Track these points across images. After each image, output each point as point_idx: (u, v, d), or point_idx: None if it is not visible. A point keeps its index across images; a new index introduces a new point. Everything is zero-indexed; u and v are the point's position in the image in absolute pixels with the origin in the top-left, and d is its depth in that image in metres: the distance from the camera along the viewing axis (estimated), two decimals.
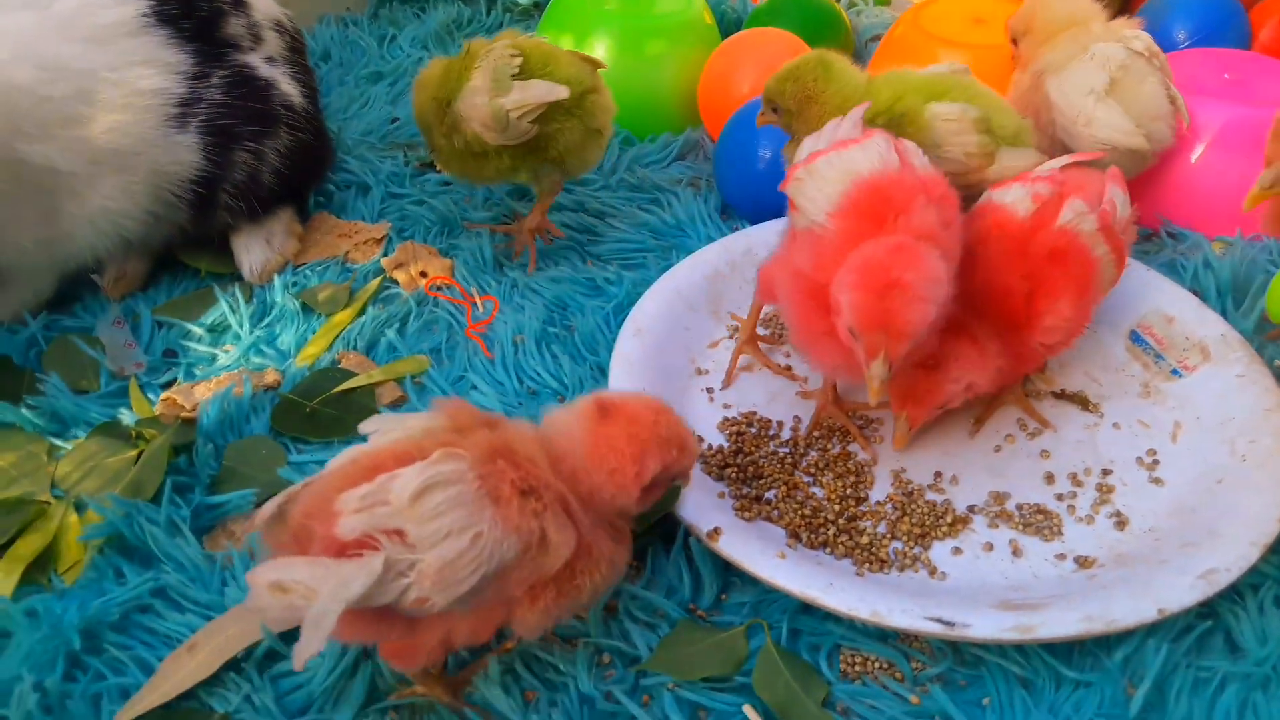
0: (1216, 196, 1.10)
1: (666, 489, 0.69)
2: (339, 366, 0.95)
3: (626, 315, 0.95)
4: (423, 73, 1.00)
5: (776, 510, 0.81)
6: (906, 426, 0.81)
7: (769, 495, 0.83)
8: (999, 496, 0.82)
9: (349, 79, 1.43)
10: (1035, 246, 0.80)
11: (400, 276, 1.05)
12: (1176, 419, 0.87)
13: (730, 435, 0.88)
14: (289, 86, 1.06)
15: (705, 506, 0.78)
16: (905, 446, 0.84)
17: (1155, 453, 0.85)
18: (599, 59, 1.02)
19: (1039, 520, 0.80)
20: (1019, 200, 0.82)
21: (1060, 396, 0.90)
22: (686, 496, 0.78)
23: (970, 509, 0.81)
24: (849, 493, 0.82)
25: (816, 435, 0.88)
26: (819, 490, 0.83)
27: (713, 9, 1.40)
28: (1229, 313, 0.96)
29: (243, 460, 0.85)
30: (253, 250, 1.05)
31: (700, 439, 0.87)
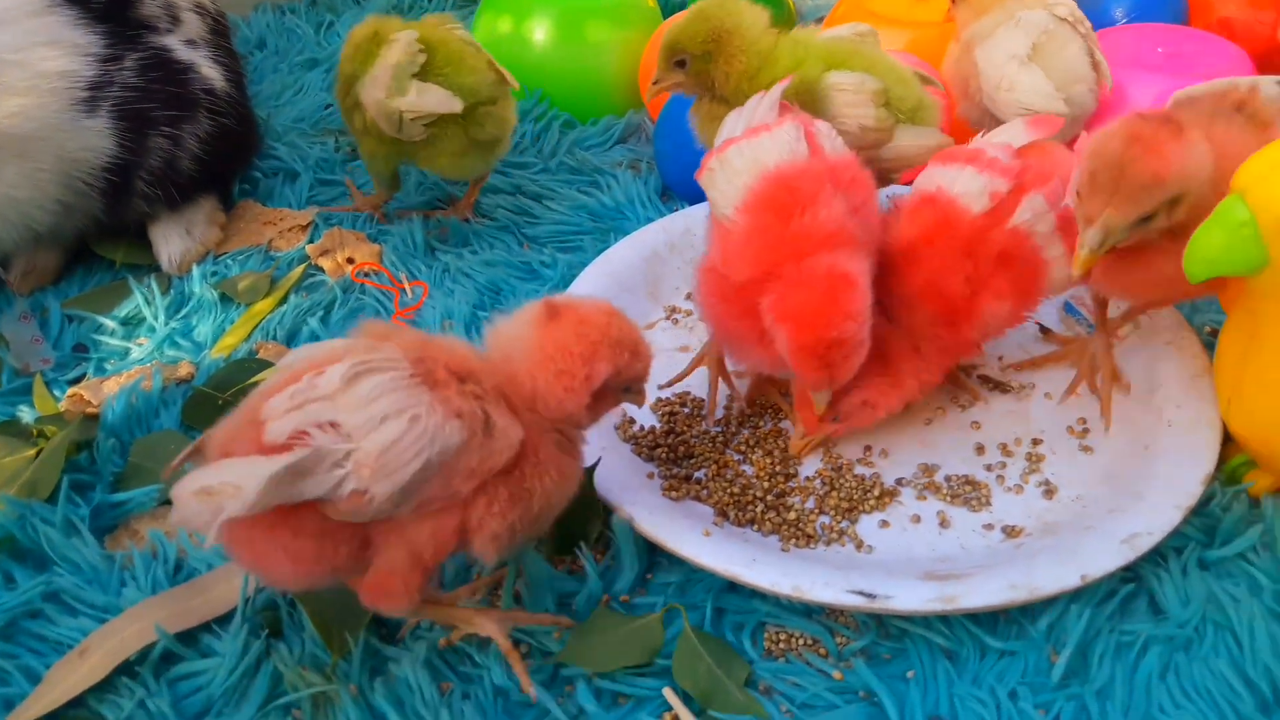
0: None
1: (618, 400, 0.67)
2: (256, 358, 0.93)
3: None
4: (354, 30, 1.00)
5: (706, 489, 0.80)
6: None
7: (699, 475, 0.82)
8: (928, 469, 0.81)
9: (284, 66, 1.41)
10: (985, 247, 0.76)
11: (326, 264, 1.03)
12: None
13: (663, 416, 0.87)
14: (210, 70, 1.03)
15: (632, 487, 0.77)
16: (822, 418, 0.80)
17: (1085, 421, 0.84)
18: (510, 76, 1.00)
19: (967, 491, 0.79)
20: (972, 194, 0.76)
21: (984, 381, 0.89)
22: (611, 478, 0.76)
23: (899, 482, 0.80)
24: (778, 469, 0.81)
25: (748, 413, 0.87)
26: (749, 468, 0.82)
27: None
28: None
29: (149, 456, 0.82)
30: (171, 240, 1.03)
31: (632, 421, 0.86)
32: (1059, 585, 0.68)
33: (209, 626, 0.71)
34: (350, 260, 1.04)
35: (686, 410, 0.87)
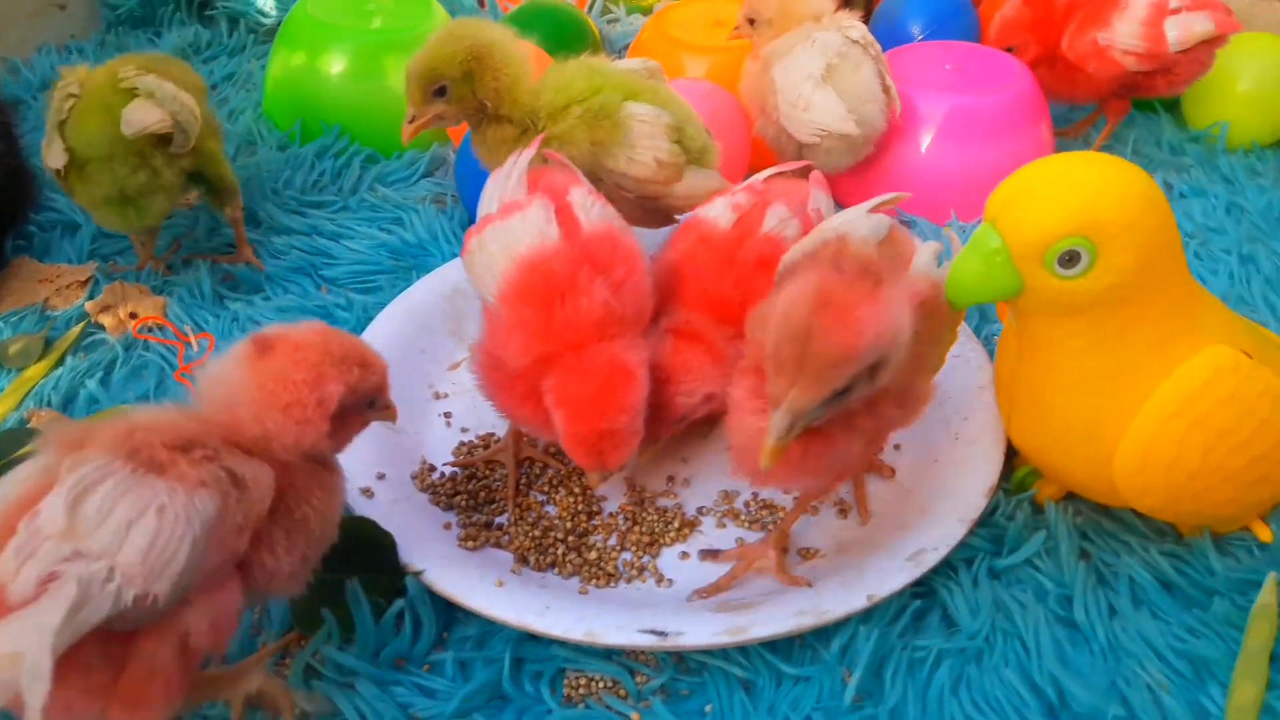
0: (943, 182, 1.14)
1: (364, 420, 0.65)
2: (28, 427, 0.87)
3: None
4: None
5: (507, 535, 0.78)
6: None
7: (500, 520, 0.80)
8: (728, 495, 0.82)
9: None
10: (742, 254, 0.79)
11: (107, 320, 0.98)
12: None
13: (464, 458, 0.85)
14: None
15: (426, 539, 0.75)
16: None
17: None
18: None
19: (765, 516, 0.80)
20: (720, 213, 0.81)
21: None
22: (406, 530, 0.74)
23: (700, 511, 0.81)
24: (581, 508, 0.80)
25: (553, 452, 0.85)
26: (553, 509, 0.81)
27: None
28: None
29: None
30: None
31: (431, 469, 0.84)
32: (846, 608, 0.68)
33: None
34: (133, 315, 0.98)
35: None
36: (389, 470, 0.80)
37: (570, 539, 0.78)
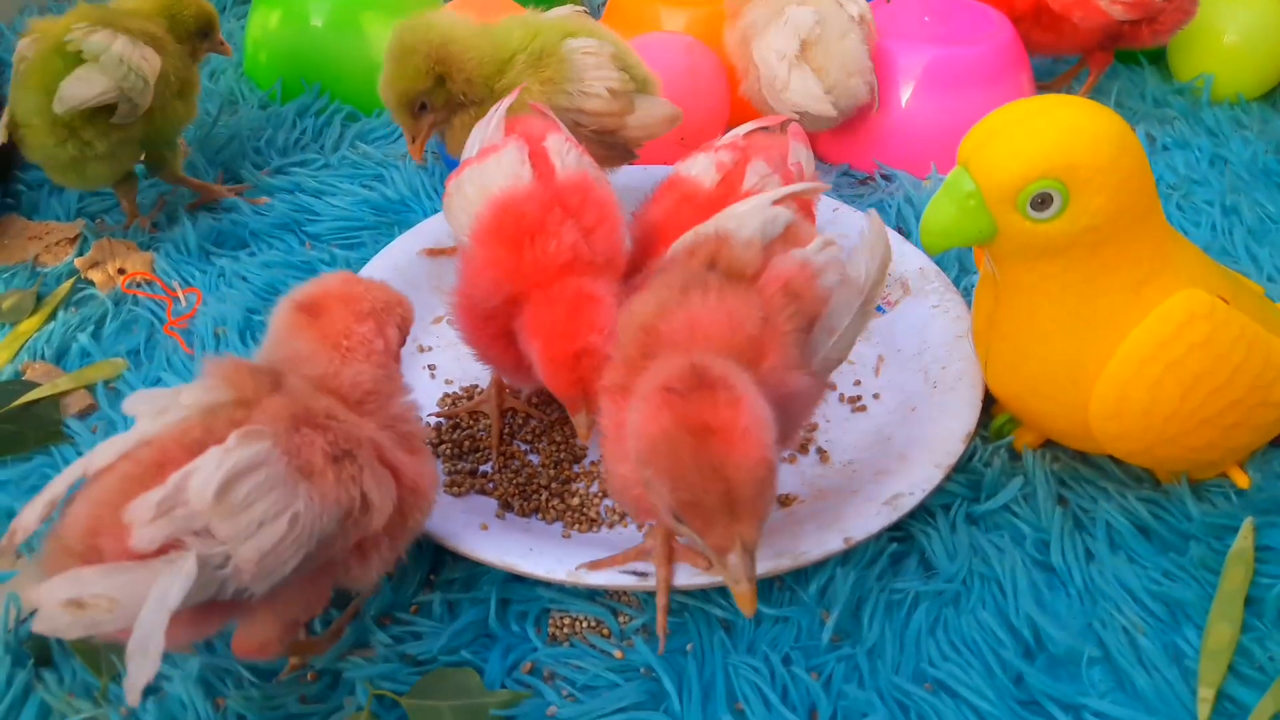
0: (924, 136, 1.14)
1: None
2: (22, 379, 0.88)
3: None
4: None
5: (491, 483, 0.79)
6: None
7: (484, 468, 0.81)
8: None
9: None
10: None
11: (96, 276, 0.98)
12: (880, 353, 0.90)
13: (448, 409, 0.86)
14: None
15: None
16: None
17: (860, 384, 0.87)
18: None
19: None
20: (703, 170, 0.81)
21: None
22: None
23: None
24: (564, 456, 0.81)
25: (535, 402, 0.86)
26: (536, 458, 0.82)
27: None
28: None
29: None
30: None
31: (419, 416, 0.85)
32: (824, 550, 0.70)
33: None
34: (121, 271, 0.99)
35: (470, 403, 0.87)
36: None
37: (554, 485, 0.79)
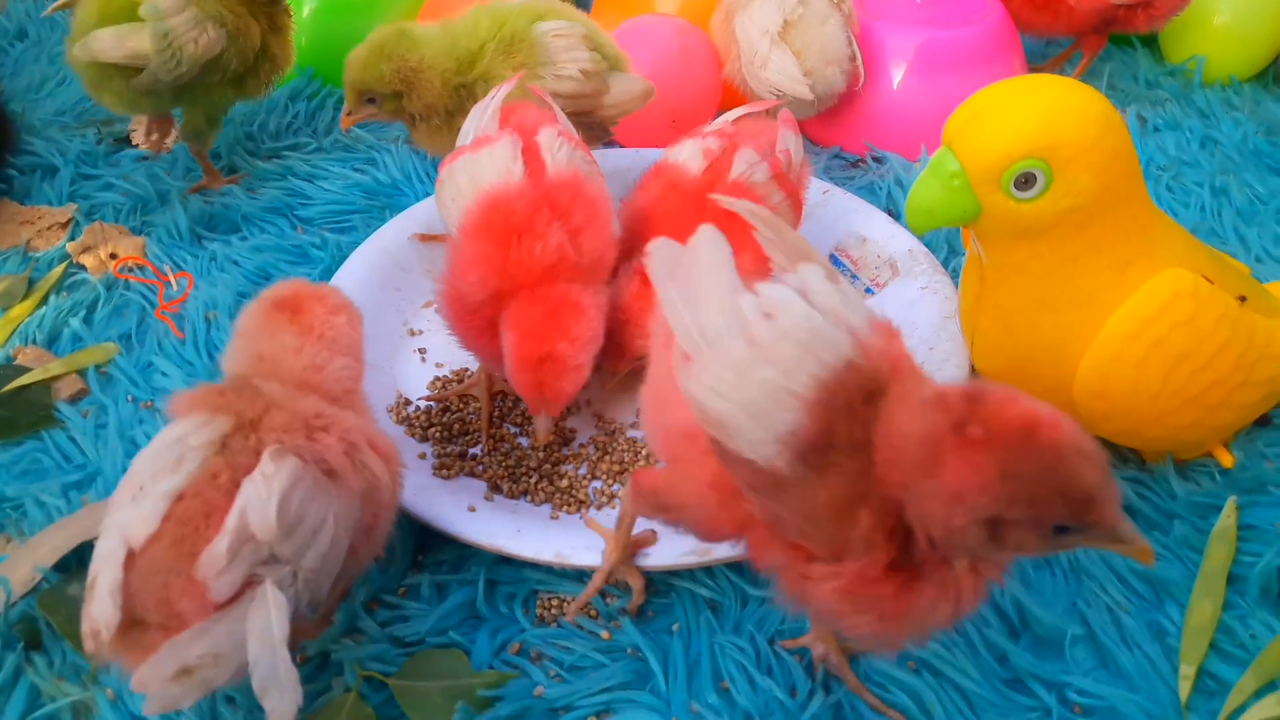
0: (915, 118, 1.14)
1: None
2: (14, 364, 0.88)
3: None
4: None
5: (481, 465, 0.80)
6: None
7: (474, 451, 0.82)
8: None
9: (44, 57, 1.33)
10: (712, 201, 0.79)
11: (88, 261, 0.99)
12: None
13: (439, 392, 0.86)
14: None
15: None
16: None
17: None
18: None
19: None
20: (690, 157, 0.81)
21: None
22: None
23: None
24: (553, 439, 0.82)
25: None
26: (526, 440, 0.82)
27: None
28: None
29: None
30: None
31: (407, 402, 0.85)
32: None
33: None
34: (113, 255, 0.99)
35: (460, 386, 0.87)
36: None
37: (544, 468, 0.79)
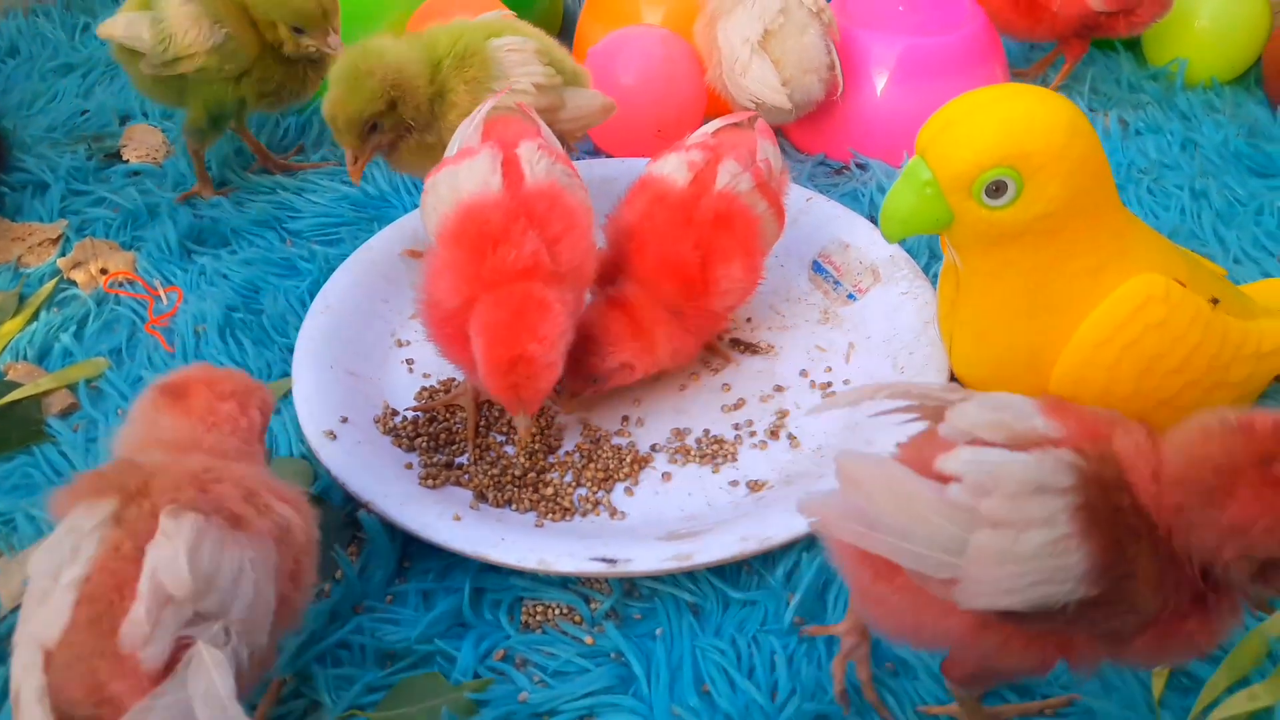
0: (898, 125, 1.15)
1: None
2: (5, 379, 0.89)
3: None
4: None
5: (467, 474, 0.81)
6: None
7: (461, 460, 0.82)
8: (680, 433, 0.84)
9: (35, 73, 1.34)
10: (700, 214, 0.81)
11: (79, 276, 1.00)
12: (850, 340, 0.91)
13: (425, 403, 0.87)
14: None
15: (386, 479, 0.77)
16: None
17: (831, 370, 0.89)
18: None
19: (715, 450, 0.82)
20: (675, 170, 0.82)
21: (736, 344, 0.92)
22: (366, 472, 0.76)
23: (653, 448, 0.83)
24: (539, 447, 0.83)
25: None
26: (512, 449, 0.83)
27: None
28: None
29: None
30: None
31: (394, 413, 0.86)
32: (789, 533, 0.71)
33: None
34: (104, 271, 1.00)
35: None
36: (352, 414, 0.82)
37: (529, 476, 0.80)
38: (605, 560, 0.70)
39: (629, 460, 0.81)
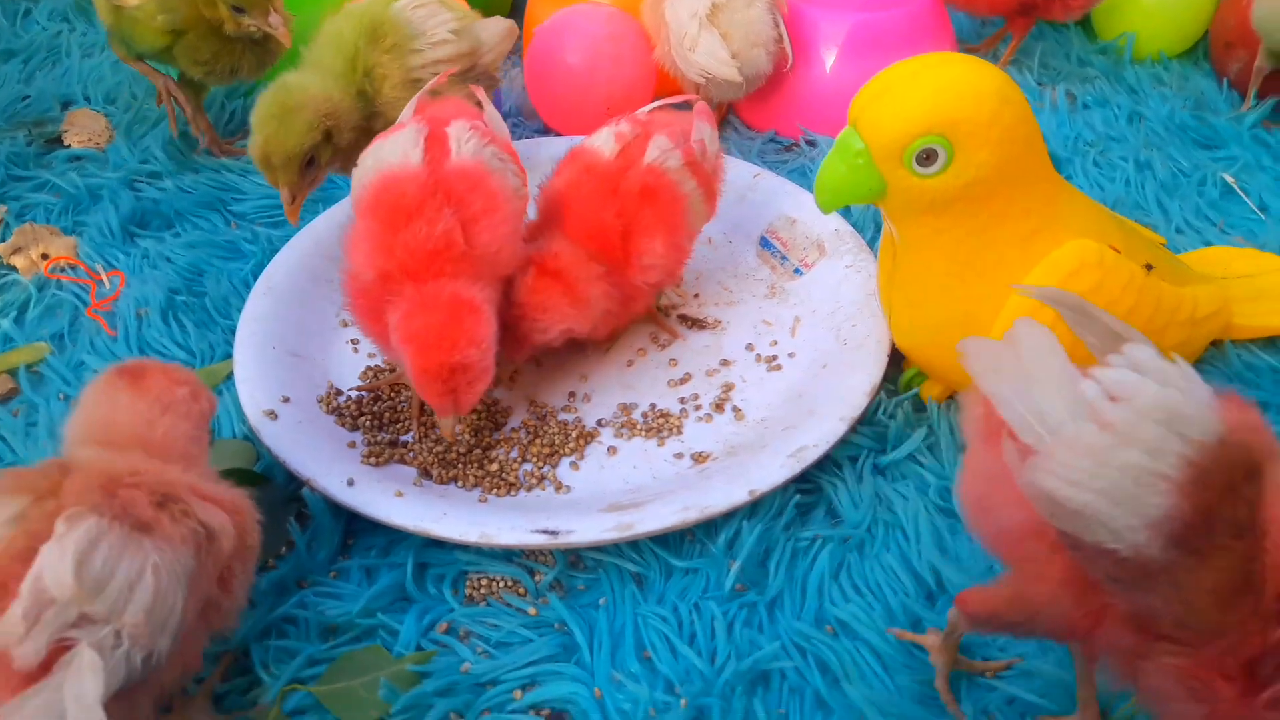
0: (847, 101, 1.14)
1: None
2: None
3: None
4: None
5: (411, 452, 0.81)
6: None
7: (405, 438, 0.82)
8: (626, 408, 0.84)
9: None
10: (625, 185, 0.81)
11: (19, 262, 0.99)
12: (796, 314, 0.92)
13: (370, 382, 0.87)
14: None
15: (328, 458, 0.77)
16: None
17: (776, 344, 0.89)
18: None
19: (661, 424, 0.82)
20: (604, 142, 0.83)
21: (684, 320, 0.93)
22: (308, 451, 0.76)
23: (599, 423, 0.83)
24: (484, 423, 0.83)
25: None
26: (458, 426, 0.83)
27: None
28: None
29: None
30: None
31: (338, 392, 0.86)
32: (729, 502, 0.72)
33: None
34: (45, 255, 0.99)
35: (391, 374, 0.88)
36: (294, 394, 0.82)
37: (474, 453, 0.80)
38: (547, 532, 0.70)
39: (575, 435, 0.81)
